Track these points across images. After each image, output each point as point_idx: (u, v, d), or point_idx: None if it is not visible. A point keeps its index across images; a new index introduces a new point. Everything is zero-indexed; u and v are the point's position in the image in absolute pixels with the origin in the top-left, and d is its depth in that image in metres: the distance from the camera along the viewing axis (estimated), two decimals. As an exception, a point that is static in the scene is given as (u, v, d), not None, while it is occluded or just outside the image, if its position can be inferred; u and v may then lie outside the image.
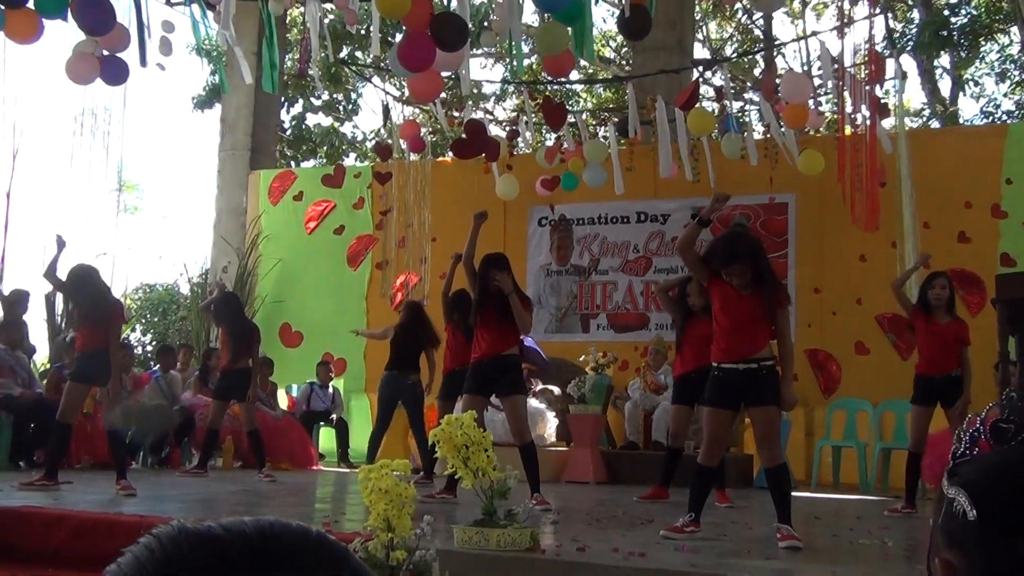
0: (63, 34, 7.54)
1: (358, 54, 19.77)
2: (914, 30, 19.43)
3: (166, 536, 0.72)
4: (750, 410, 5.44)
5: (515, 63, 9.57)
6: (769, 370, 5.34)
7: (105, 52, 7.27)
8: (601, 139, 11.69)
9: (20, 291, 10.87)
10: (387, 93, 18.48)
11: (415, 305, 10.32)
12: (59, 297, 12.72)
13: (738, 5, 20.83)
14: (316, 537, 0.75)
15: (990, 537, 1.03)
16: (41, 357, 12.35)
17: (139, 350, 19.11)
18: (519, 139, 12.73)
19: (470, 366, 7.22)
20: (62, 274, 7.61)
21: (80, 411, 8.26)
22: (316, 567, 0.74)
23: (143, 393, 10.63)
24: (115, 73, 7.37)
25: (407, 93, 18.09)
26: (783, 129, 10.17)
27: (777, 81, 10.33)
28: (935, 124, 21.09)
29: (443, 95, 11.27)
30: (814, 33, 20.36)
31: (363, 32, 17.42)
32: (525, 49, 17.68)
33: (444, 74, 7.88)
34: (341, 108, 21.54)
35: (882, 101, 9.71)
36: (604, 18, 22.96)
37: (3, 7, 6.52)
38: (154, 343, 20.24)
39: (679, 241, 5.78)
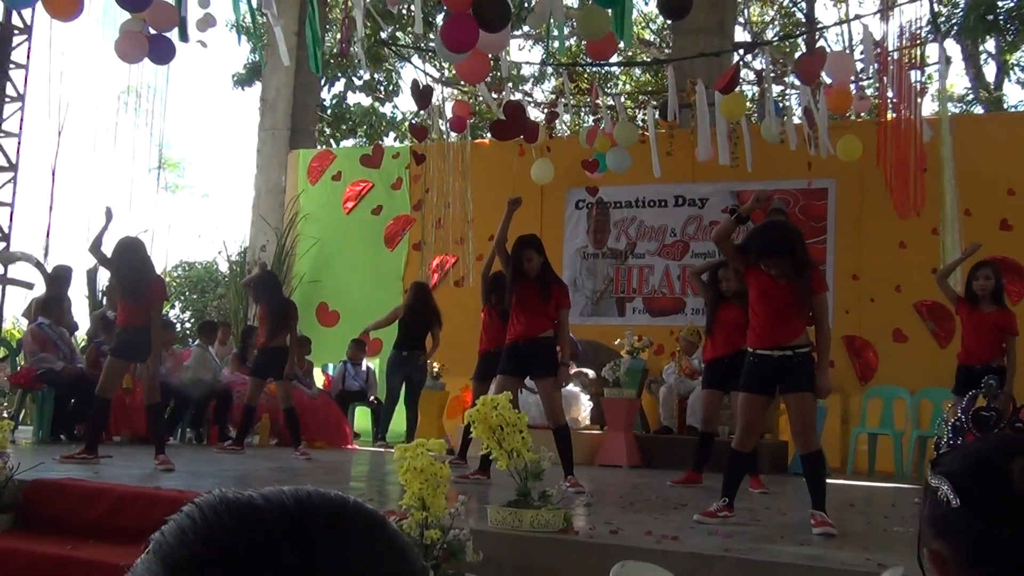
0: (109, 11, 7.61)
1: (399, 34, 19.79)
2: (959, 14, 19.16)
3: (207, 505, 0.74)
4: (785, 396, 5.44)
5: (555, 44, 9.54)
6: (804, 357, 5.33)
7: (152, 31, 7.31)
8: (639, 122, 11.65)
9: (63, 267, 11.02)
10: (427, 74, 18.50)
11: (421, 286, 10.81)
12: (100, 273, 12.87)
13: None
14: (354, 506, 0.77)
15: (974, 524, 1.04)
16: (83, 333, 12.52)
17: (178, 327, 19.33)
18: (557, 121, 12.70)
19: (505, 347, 7.22)
20: (107, 248, 7.67)
21: (119, 386, 8.37)
22: (354, 535, 0.75)
23: (183, 368, 10.74)
24: (162, 52, 7.42)
25: (447, 74, 18.11)
26: (818, 115, 10.07)
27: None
28: (979, 110, 20.82)
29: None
30: (857, 16, 20.15)
31: (403, 12, 17.43)
32: (565, 31, 17.63)
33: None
34: (381, 88, 21.59)
35: (923, 86, 9.59)
36: (646, 0, 22.84)
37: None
38: (193, 320, 20.47)
39: (716, 232, 5.76)
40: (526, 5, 17.10)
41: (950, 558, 1.07)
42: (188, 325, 20.53)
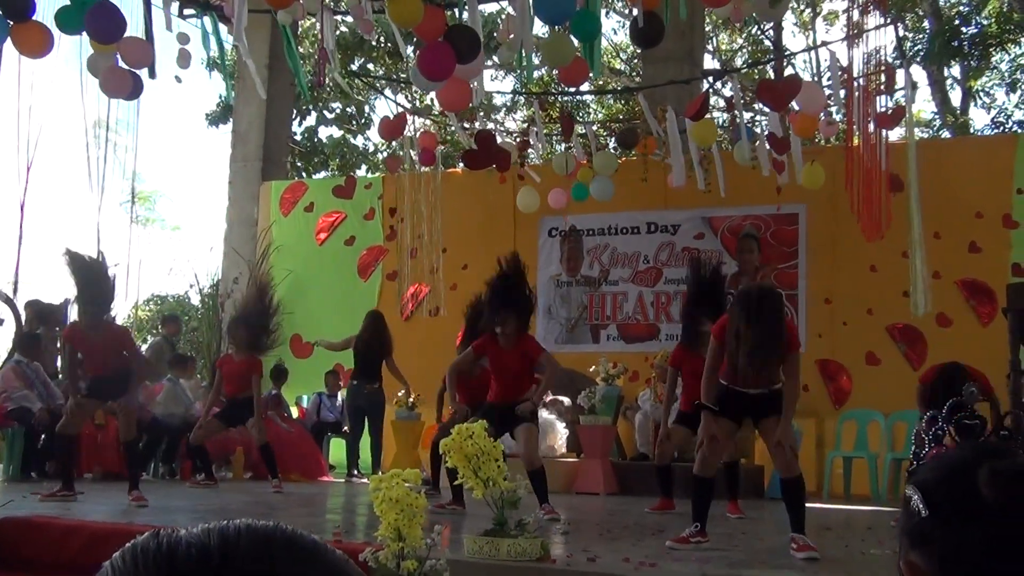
0: (76, 46, 7.57)
1: (370, 66, 19.84)
2: (925, 40, 19.43)
3: (129, 553, 0.74)
4: (762, 422, 5.41)
5: (525, 74, 9.60)
6: (779, 392, 5.35)
7: (123, 65, 7.27)
8: (611, 150, 11.70)
9: (37, 302, 10.92)
10: (398, 104, 18.54)
11: (375, 315, 10.67)
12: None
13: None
14: (284, 538, 0.76)
15: (944, 533, 1.04)
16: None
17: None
18: (530, 150, 12.73)
19: (484, 405, 7.26)
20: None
21: (92, 422, 8.29)
22: (287, 569, 0.75)
23: (156, 402, 10.65)
24: (132, 87, 7.40)
25: (419, 104, 18.16)
26: (789, 140, 10.14)
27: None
28: (946, 134, 21.07)
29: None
30: (824, 43, 20.37)
31: (375, 44, 17.49)
32: (536, 60, 17.74)
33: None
34: (352, 120, 21.61)
35: (887, 112, 9.68)
36: (615, 29, 23.04)
37: (10, 21, 6.53)
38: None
39: (706, 367, 5.66)
40: (495, 35, 17.16)
41: (925, 569, 1.07)
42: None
